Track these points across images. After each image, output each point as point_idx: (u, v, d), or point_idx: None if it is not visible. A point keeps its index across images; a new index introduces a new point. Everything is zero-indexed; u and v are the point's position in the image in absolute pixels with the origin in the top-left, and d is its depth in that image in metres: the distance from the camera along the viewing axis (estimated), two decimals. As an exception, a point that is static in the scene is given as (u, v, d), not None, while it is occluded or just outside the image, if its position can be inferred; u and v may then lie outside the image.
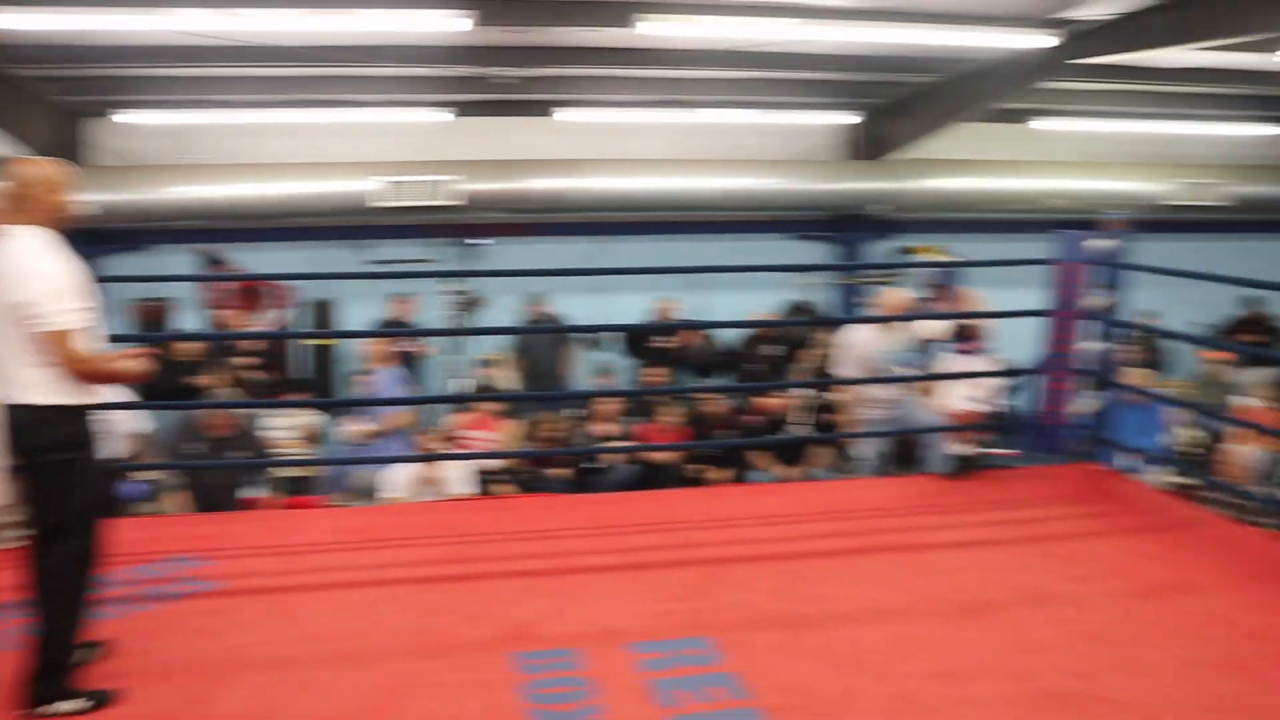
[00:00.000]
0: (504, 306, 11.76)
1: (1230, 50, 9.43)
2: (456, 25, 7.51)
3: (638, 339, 11.65)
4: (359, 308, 11.26)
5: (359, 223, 11.33)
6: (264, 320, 10.92)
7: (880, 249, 12.90)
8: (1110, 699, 3.96)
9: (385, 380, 8.28)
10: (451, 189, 10.80)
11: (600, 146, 11.71)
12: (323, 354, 11.31)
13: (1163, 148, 13.24)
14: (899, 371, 6.32)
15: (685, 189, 11.49)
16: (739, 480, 9.18)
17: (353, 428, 8.89)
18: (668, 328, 11.59)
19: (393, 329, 10.82)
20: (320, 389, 11.01)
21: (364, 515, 6.20)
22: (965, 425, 6.61)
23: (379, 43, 9.18)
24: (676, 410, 9.88)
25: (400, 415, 8.30)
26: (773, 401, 9.56)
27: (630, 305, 11.65)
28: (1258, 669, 4.19)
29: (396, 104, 10.71)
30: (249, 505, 7.74)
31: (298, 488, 8.86)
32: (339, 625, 4.56)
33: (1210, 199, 12.80)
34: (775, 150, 12.29)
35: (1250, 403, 10.52)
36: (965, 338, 6.98)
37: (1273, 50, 8.87)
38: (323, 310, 11.51)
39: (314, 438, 9.39)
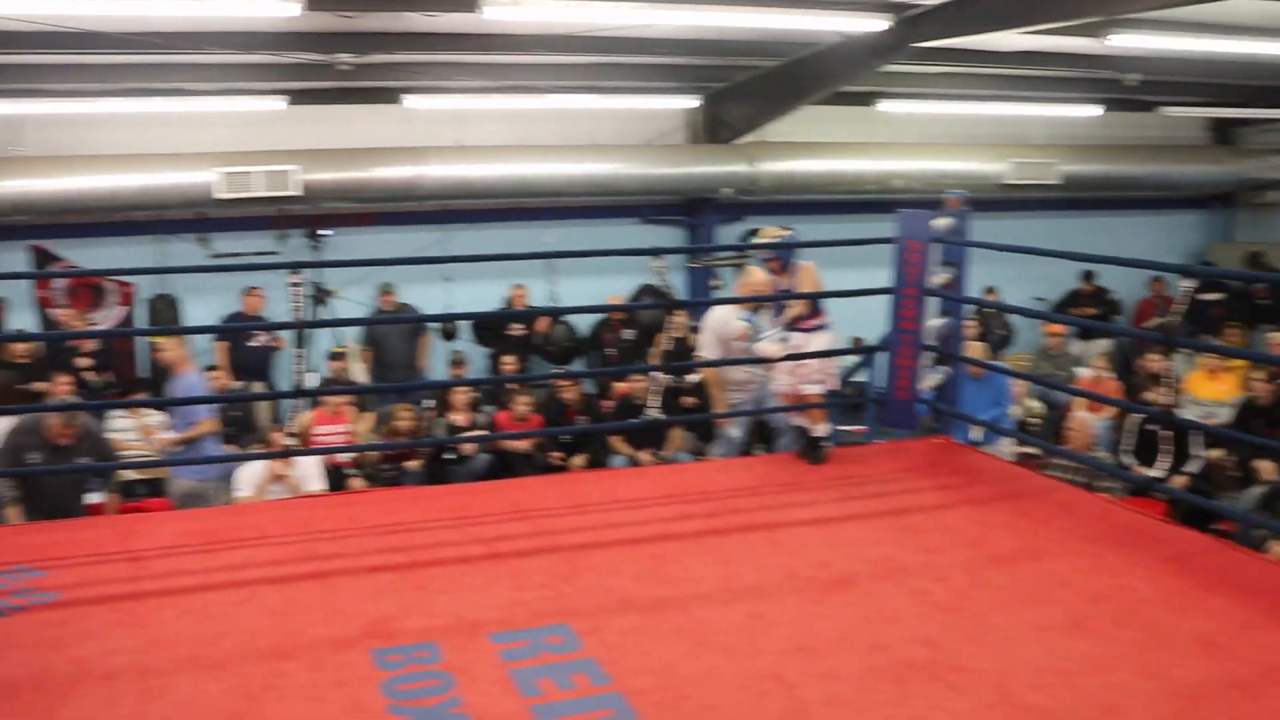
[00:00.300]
0: (354, 298, 11.58)
1: (1064, 34, 9.77)
2: (285, 10, 7.33)
3: (491, 327, 11.58)
4: (207, 303, 10.95)
5: (203, 215, 10.98)
6: (104, 319, 10.56)
7: (730, 232, 13.05)
8: (964, 666, 4.08)
9: (186, 385, 8.00)
10: (289, 179, 10.53)
11: (448, 133, 11.58)
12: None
13: (1001, 129, 13.67)
14: (761, 350, 6.37)
15: (534, 175, 11.44)
16: (597, 466, 9.19)
17: (161, 435, 8.66)
18: (520, 315, 11.56)
19: (241, 323, 10.57)
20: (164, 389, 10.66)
21: (213, 516, 6.04)
22: (812, 404, 6.70)
23: (210, 28, 8.91)
24: (531, 398, 9.86)
25: (208, 421, 8.05)
26: (628, 386, 9.60)
27: (482, 293, 11.58)
28: (1102, 629, 4.36)
29: (233, 92, 10.39)
30: (94, 511, 7.47)
31: (144, 491, 8.61)
32: (190, 630, 4.43)
33: (1045, 178, 13.25)
34: (623, 135, 12.32)
35: (1090, 373, 10.94)
36: (807, 316, 7.00)
37: (1102, 34, 9.20)
38: (169, 307, 11.14)
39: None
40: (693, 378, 9.36)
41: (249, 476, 7.99)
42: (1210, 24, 9.58)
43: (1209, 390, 10.82)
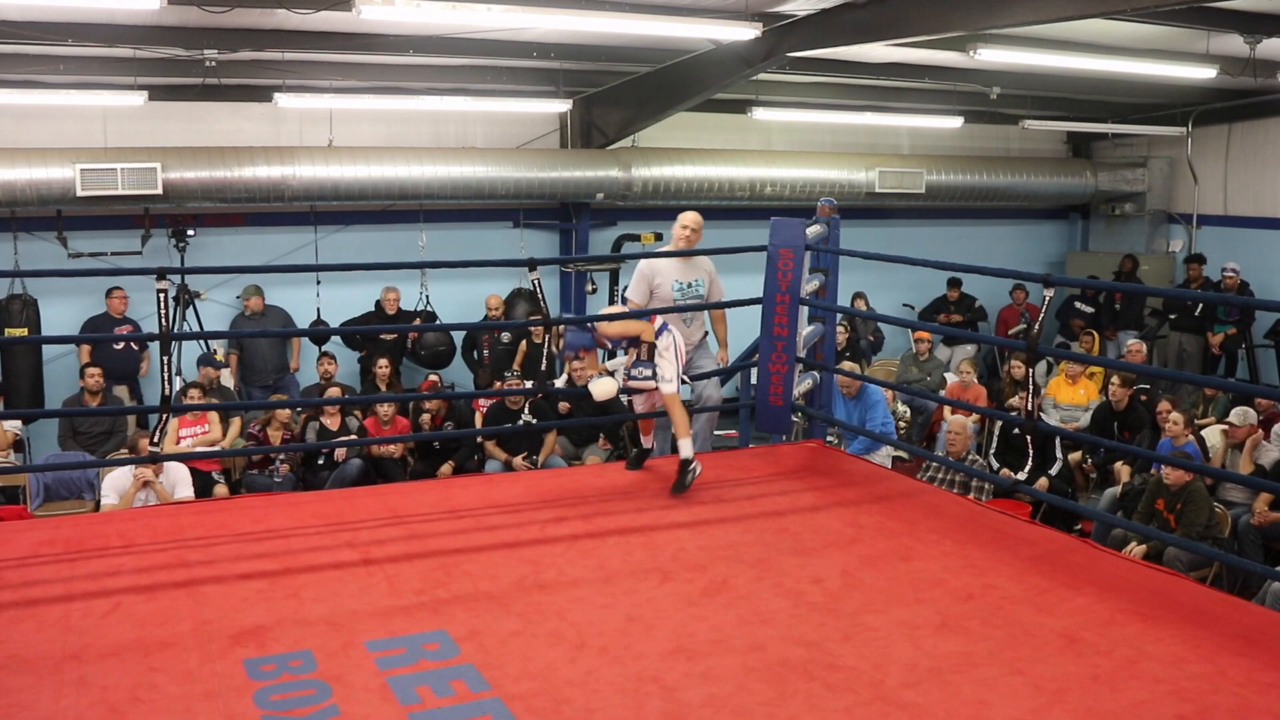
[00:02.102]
0: (221, 299, 11.33)
1: (931, 48, 10.02)
2: (145, 3, 7.12)
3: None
4: (69, 304, 10.58)
5: (67, 213, 10.59)
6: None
7: (604, 236, 13.08)
8: (839, 665, 4.15)
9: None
10: (152, 177, 10.23)
11: (319, 133, 11.40)
12: (24, 355, 10.53)
13: (869, 138, 13.96)
14: (594, 388, 6.18)
15: (406, 177, 11.32)
16: (472, 471, 9.14)
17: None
18: (403, 329, 11.42)
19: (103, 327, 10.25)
20: (22, 392, 10.28)
21: (76, 525, 5.84)
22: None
23: (68, 19, 8.64)
24: (405, 402, 9.77)
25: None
26: (503, 390, 9.56)
27: (353, 295, 11.43)
28: (971, 627, 4.48)
29: (92, 86, 10.08)
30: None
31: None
32: (52, 643, 4.27)
33: (911, 187, 13.56)
34: (496, 138, 12.27)
35: (957, 378, 11.22)
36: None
37: (968, 49, 9.45)
38: (26, 308, 10.71)
39: (15, 445, 8.82)
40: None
41: (115, 484, 7.76)
42: (1069, 41, 9.93)
43: (1068, 395, 11.19)
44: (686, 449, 6.05)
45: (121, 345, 10.30)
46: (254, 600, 4.68)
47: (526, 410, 7.38)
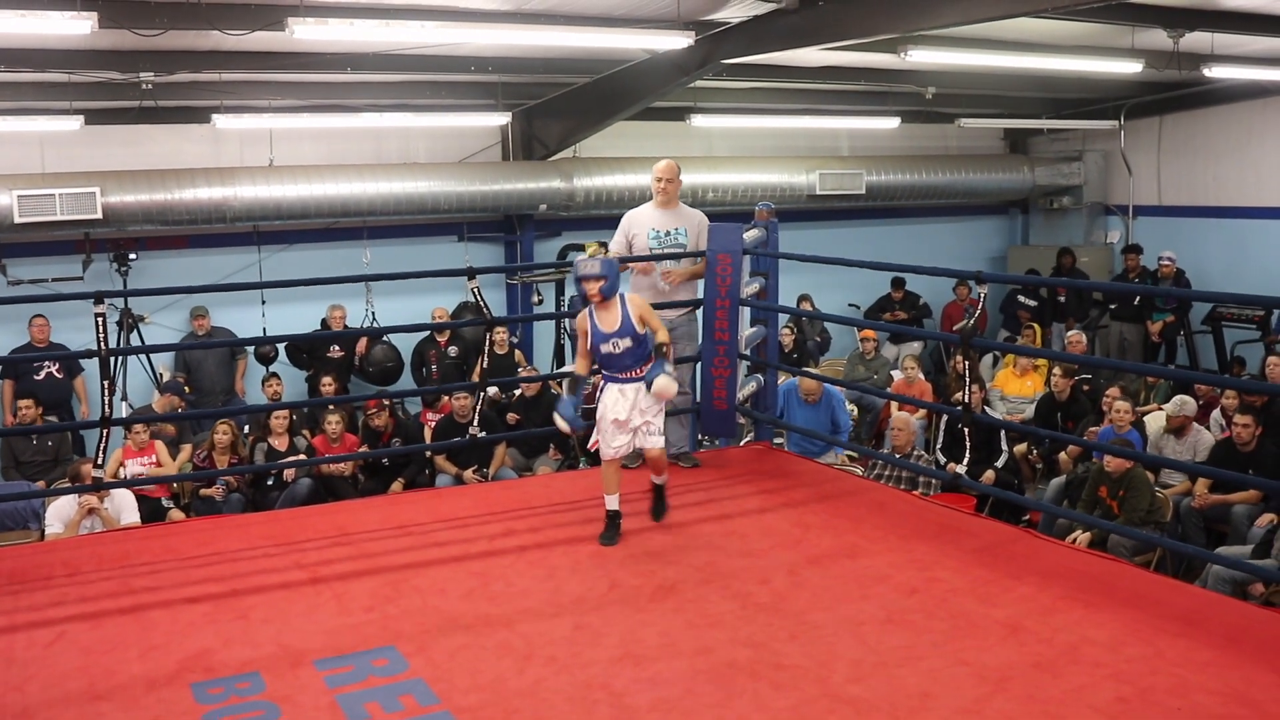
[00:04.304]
0: (166, 323, 11.24)
1: (864, 51, 10.10)
2: (76, 28, 7.04)
3: (308, 349, 11.37)
4: (4, 334, 10.46)
5: (6, 240, 10.44)
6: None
7: (548, 247, 13.08)
8: (785, 664, 4.18)
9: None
10: (91, 201, 10.11)
11: (259, 153, 11.32)
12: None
13: (808, 141, 14.02)
14: (660, 389, 5.82)
15: (349, 194, 11.27)
16: (421, 486, 9.11)
17: None
18: (338, 336, 11.37)
19: (32, 353, 10.12)
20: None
21: (19, 555, 5.77)
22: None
23: (1, 45, 8.55)
24: (352, 419, 9.72)
25: None
26: (452, 403, 9.54)
27: (299, 314, 11.36)
28: (916, 622, 4.52)
29: (30, 112, 9.96)
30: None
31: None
32: (-6, 675, 4.23)
33: (851, 188, 13.65)
34: (437, 153, 12.23)
35: (902, 375, 11.31)
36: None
37: (901, 50, 9.53)
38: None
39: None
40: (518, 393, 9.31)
41: (59, 512, 7.67)
42: (999, 40, 10.04)
43: (1016, 387, 11.31)
44: (663, 480, 5.79)
45: (43, 374, 10.21)
46: (201, 624, 4.65)
47: (475, 423, 7.35)
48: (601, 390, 5.61)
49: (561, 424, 5.50)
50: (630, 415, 5.50)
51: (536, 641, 4.41)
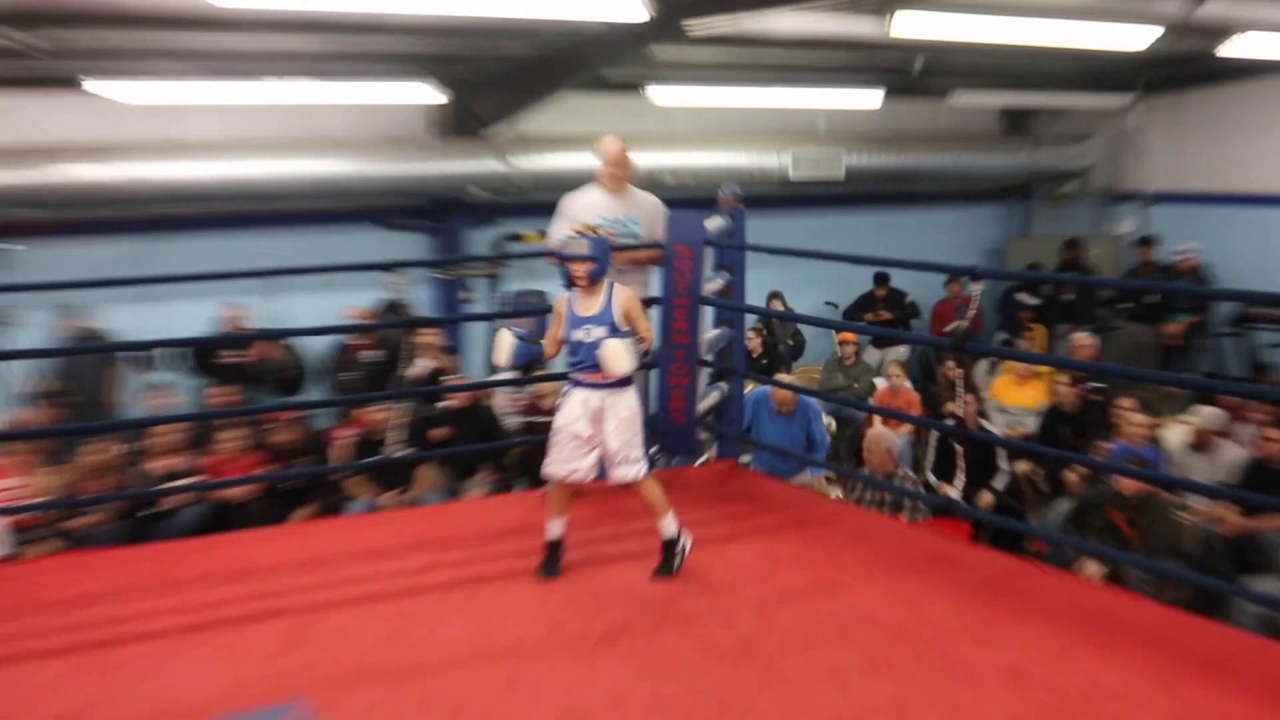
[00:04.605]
0: (34, 324, 11.04)
1: (843, 13, 10.07)
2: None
3: (203, 354, 11.22)
4: None
5: None
6: None
7: (481, 237, 13.00)
8: (755, 718, 4.11)
9: None
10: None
11: (150, 128, 11.15)
12: None
13: (781, 119, 14.04)
14: (607, 355, 5.64)
15: (254, 176, 11.14)
16: (333, 513, 9.00)
17: None
18: (238, 339, 11.24)
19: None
20: None
21: None
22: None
23: None
24: (253, 436, 9.59)
25: None
26: (371, 416, 9.44)
27: (189, 314, 11.18)
28: (903, 667, 4.47)
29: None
30: None
31: None
32: None
33: (829, 172, 13.67)
34: (357, 129, 12.14)
35: (887, 384, 11.32)
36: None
37: (885, 14, 9.52)
38: None
39: None
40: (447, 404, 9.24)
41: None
42: (998, 4, 10.03)
43: (1016, 397, 11.33)
44: (670, 526, 5.59)
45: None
46: (65, 682, 4.51)
47: (395, 439, 7.26)
48: (564, 395, 5.53)
49: (502, 345, 5.48)
50: (595, 432, 5.42)
51: (465, 696, 4.32)
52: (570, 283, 5.42)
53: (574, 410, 5.43)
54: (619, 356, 5.26)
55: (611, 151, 6.89)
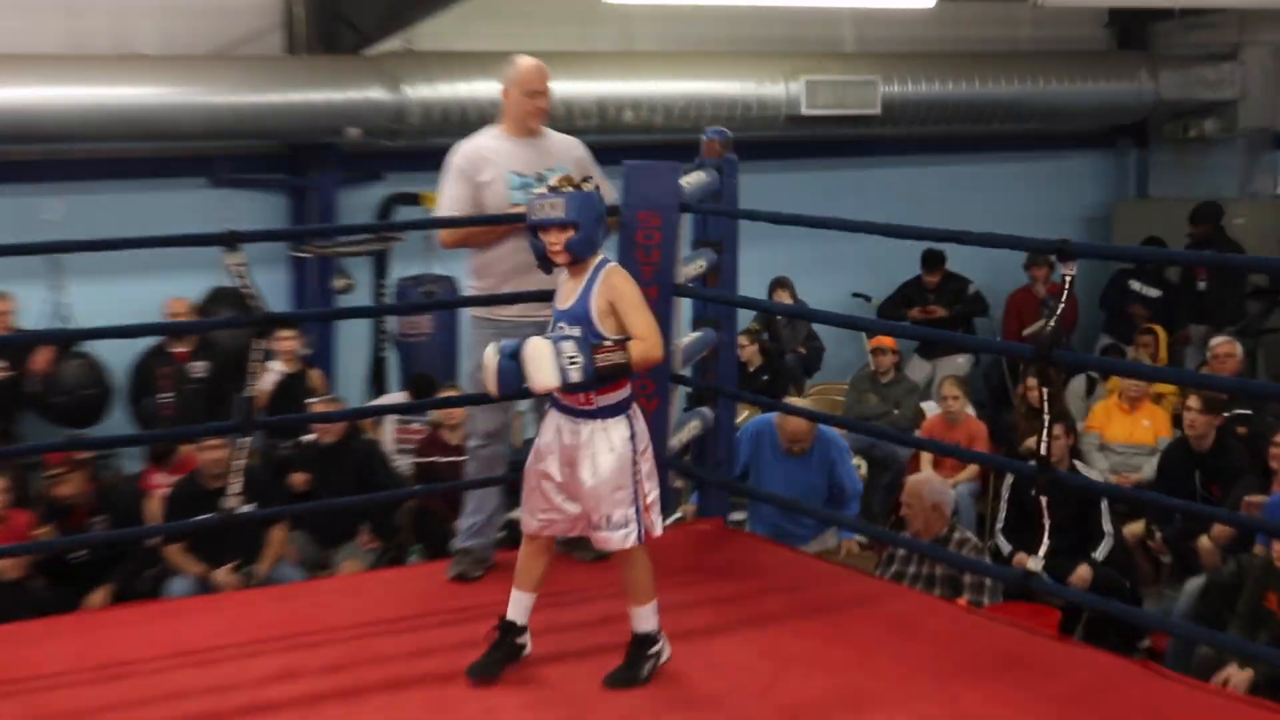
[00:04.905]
0: None
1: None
2: None
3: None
4: None
5: None
6: None
7: (360, 199, 12.99)
8: None
9: None
10: None
11: None
12: None
13: (789, 31, 14.05)
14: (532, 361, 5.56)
15: (31, 105, 11.09)
16: (145, 596, 8.99)
17: None
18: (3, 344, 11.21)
19: None
20: None
21: None
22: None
23: None
24: (26, 486, 9.57)
25: None
26: (200, 456, 9.44)
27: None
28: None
29: None
30: None
31: None
32: None
33: (858, 105, 13.71)
34: (181, 41, 12.10)
35: (939, 409, 11.35)
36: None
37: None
38: None
39: None
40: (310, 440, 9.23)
41: None
42: None
43: (1126, 429, 11.36)
44: (647, 619, 5.59)
45: None
46: None
47: (235, 489, 7.22)
48: (544, 416, 5.56)
49: (490, 366, 5.35)
50: (568, 477, 5.43)
51: None
52: (545, 261, 5.47)
53: (545, 441, 5.46)
54: (538, 365, 5.19)
55: (527, 77, 6.83)
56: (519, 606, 5.51)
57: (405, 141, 12.50)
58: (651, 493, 5.42)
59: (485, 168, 6.75)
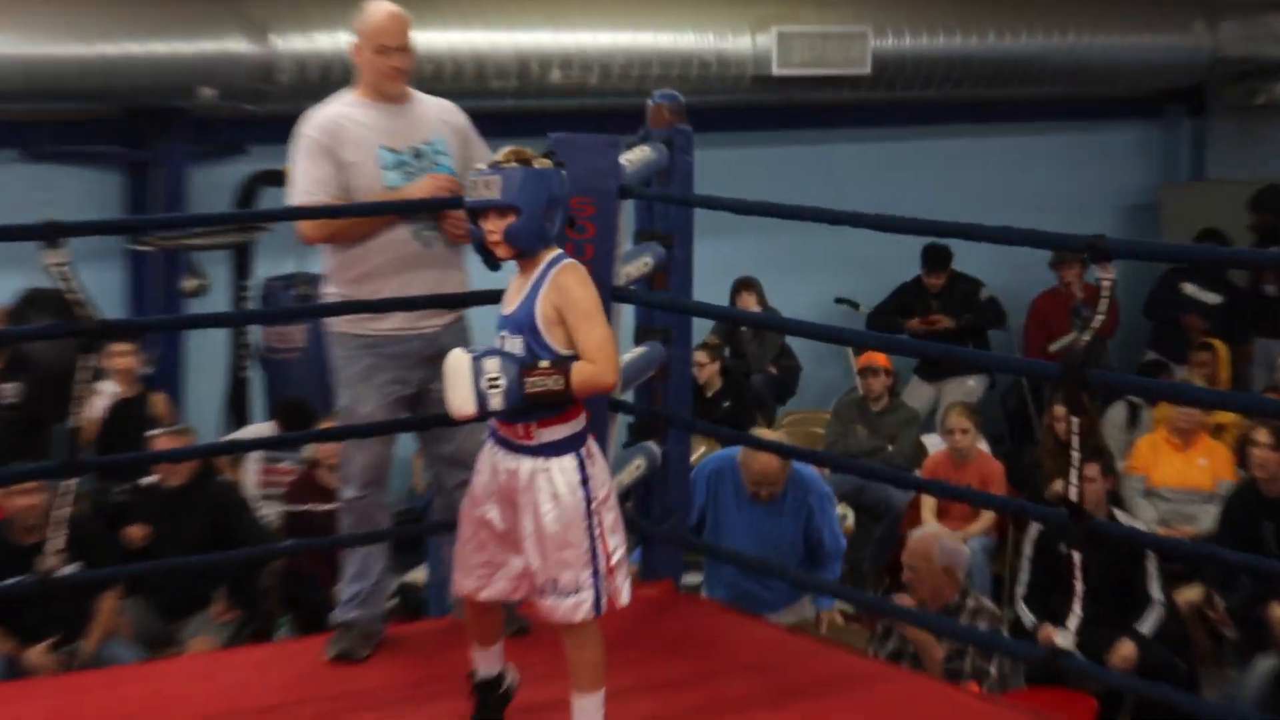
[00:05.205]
0: None
1: None
2: None
3: None
4: None
5: None
6: None
7: (217, 176, 12.99)
8: None
9: None
10: None
11: None
12: None
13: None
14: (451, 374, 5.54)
15: None
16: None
17: None
18: None
19: None
20: None
21: None
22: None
23: None
24: None
25: None
26: (10, 503, 9.42)
27: None
28: None
29: None
30: None
31: None
32: None
33: (844, 63, 13.77)
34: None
35: (945, 443, 11.38)
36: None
37: None
38: None
39: None
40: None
41: None
42: None
43: (1177, 469, 11.42)
44: (591, 713, 5.56)
45: None
46: None
47: (55, 545, 7.19)
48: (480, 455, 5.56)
49: (458, 376, 5.34)
50: (510, 526, 5.42)
51: None
52: (487, 254, 5.43)
53: (482, 481, 5.46)
54: (453, 385, 5.21)
55: (379, 30, 6.68)
56: (488, 660, 5.59)
57: (274, 106, 12.49)
58: (617, 551, 5.39)
59: (348, 143, 6.68)
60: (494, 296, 6.52)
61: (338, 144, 6.64)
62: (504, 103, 12.72)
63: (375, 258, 6.58)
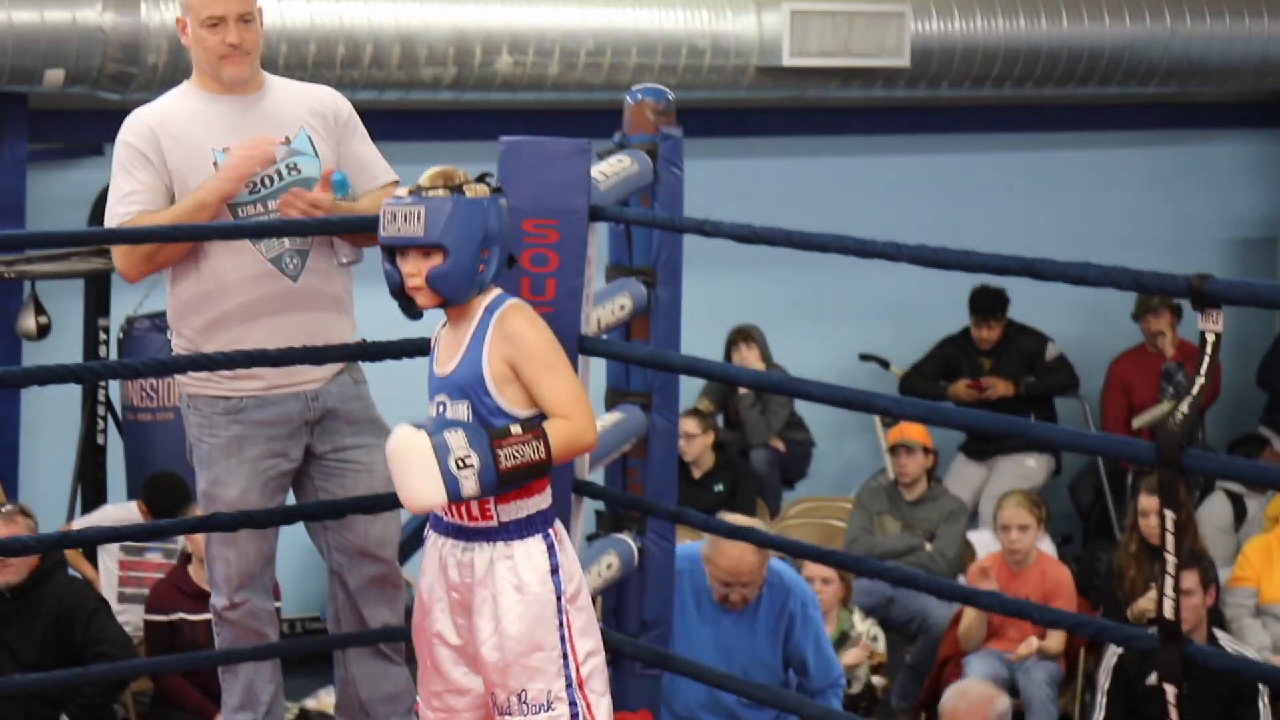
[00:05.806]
0: None
1: None
2: None
3: None
4: None
5: None
6: None
7: (70, 184, 13.05)
8: None
9: None
10: None
11: None
12: None
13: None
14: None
15: None
16: None
17: None
18: None
19: None
20: None
21: None
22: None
23: None
24: None
25: None
26: None
27: None
28: None
29: None
30: None
31: None
32: None
33: (875, 51, 13.84)
34: None
35: (1000, 543, 11.43)
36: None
37: None
38: None
39: None
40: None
41: None
42: None
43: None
44: None
45: None
46: None
47: None
48: (423, 552, 5.59)
49: (411, 455, 5.43)
50: (469, 633, 5.47)
51: None
52: (406, 301, 5.49)
53: (428, 583, 5.52)
54: (410, 470, 5.22)
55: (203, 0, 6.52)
56: None
57: (141, 93, 12.53)
58: (589, 660, 5.45)
59: (174, 148, 6.52)
60: (395, 344, 6.60)
61: (158, 149, 6.51)
62: (438, 96, 12.72)
63: (226, 300, 6.45)
